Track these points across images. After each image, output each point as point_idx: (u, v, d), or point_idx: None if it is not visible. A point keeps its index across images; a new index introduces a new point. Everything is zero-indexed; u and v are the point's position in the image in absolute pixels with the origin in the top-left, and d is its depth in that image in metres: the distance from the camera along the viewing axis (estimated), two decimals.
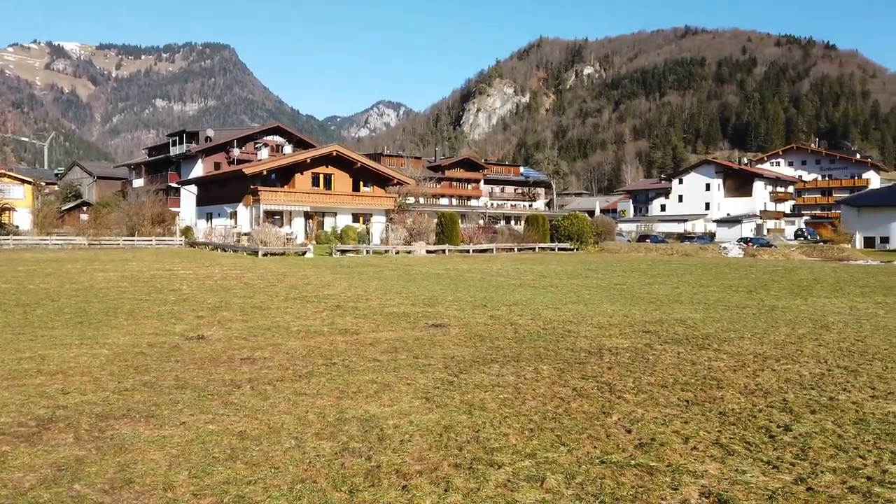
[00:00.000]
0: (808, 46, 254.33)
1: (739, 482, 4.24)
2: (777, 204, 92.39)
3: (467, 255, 38.66)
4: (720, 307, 13.89)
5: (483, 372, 7.41)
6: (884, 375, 7.32)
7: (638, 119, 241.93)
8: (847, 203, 64.10)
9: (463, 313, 12.37)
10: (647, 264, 30.53)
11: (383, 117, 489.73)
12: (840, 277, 22.68)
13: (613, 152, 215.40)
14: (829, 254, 45.44)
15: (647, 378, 7.15)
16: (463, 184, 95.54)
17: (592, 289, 17.92)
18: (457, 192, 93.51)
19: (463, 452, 4.78)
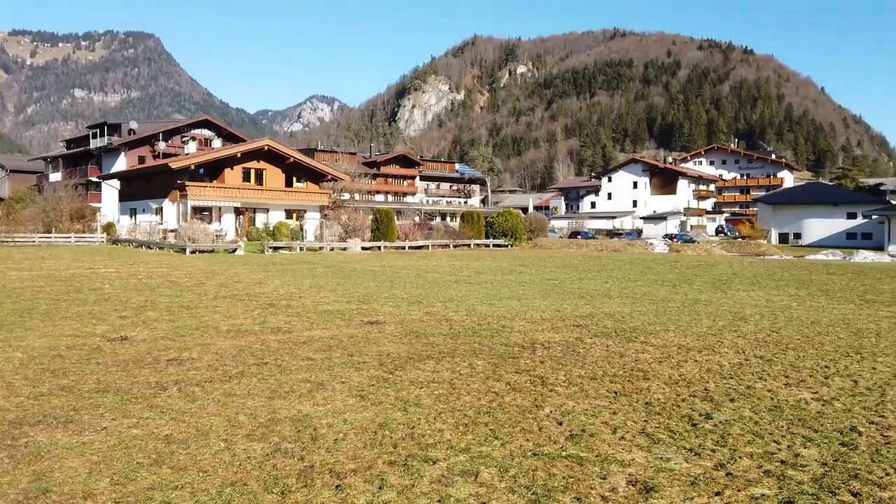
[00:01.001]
0: (728, 51, 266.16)
1: (664, 469, 4.40)
2: (700, 202, 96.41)
3: (403, 251, 38.59)
4: (647, 301, 14.39)
5: (418, 368, 7.42)
6: (796, 364, 7.76)
7: (569, 118, 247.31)
8: (763, 201, 67.55)
9: (398, 310, 12.35)
10: (578, 260, 31.30)
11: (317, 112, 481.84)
12: (757, 272, 23.88)
13: (546, 150, 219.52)
14: (747, 249, 47.78)
15: (577, 371, 7.33)
16: (399, 180, 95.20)
17: (526, 284, 18.22)
18: (392, 189, 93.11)
19: (398, 449, 4.78)
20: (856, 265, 29.10)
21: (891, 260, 34.36)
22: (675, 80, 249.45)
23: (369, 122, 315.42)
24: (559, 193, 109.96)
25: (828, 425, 5.38)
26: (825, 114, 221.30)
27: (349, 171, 60.89)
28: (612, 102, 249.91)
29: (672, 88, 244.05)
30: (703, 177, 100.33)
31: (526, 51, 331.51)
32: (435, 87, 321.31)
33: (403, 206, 76.65)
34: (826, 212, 60.20)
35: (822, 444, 4.92)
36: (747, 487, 4.11)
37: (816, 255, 39.32)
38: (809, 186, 76.81)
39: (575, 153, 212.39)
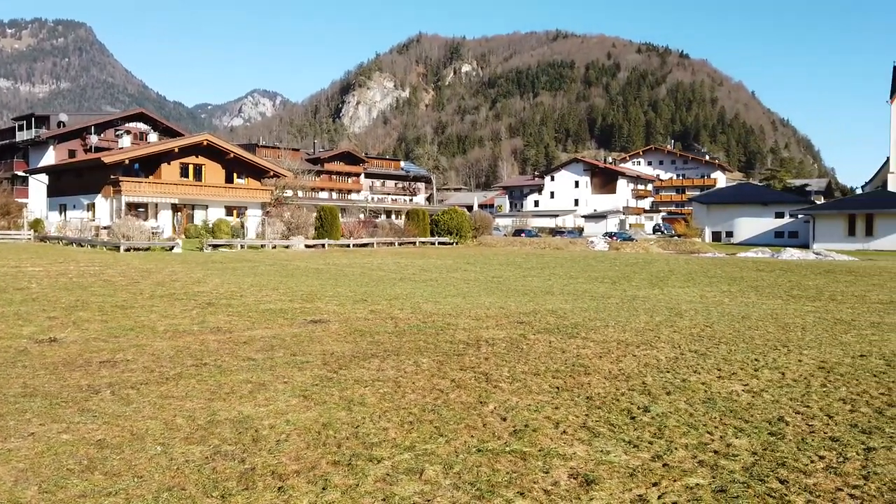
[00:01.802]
0: (665, 55, 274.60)
1: (604, 462, 4.52)
2: (638, 201, 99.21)
3: (347, 249, 38.24)
4: (588, 297, 14.71)
5: (363, 367, 7.38)
6: (728, 358, 8.08)
7: (513, 118, 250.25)
8: (698, 200, 70.03)
9: (343, 308, 12.23)
10: (521, 258, 31.72)
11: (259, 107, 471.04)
12: (692, 269, 24.74)
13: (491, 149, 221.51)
14: (683, 247, 49.44)
15: (521, 367, 7.43)
16: (343, 177, 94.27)
17: (471, 282, 18.35)
18: (337, 186, 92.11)
19: (342, 449, 4.74)
20: (783, 262, 30.51)
21: (815, 257, 36.18)
22: (615, 82, 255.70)
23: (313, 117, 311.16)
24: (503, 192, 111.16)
25: (757, 416, 5.62)
26: (755, 117, 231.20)
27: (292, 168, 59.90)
28: (554, 103, 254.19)
29: (612, 90, 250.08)
30: (642, 177, 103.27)
31: (471, 50, 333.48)
32: (380, 84, 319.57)
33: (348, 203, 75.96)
34: (756, 211, 62.89)
35: (753, 434, 5.14)
36: (683, 477, 4.26)
37: (747, 253, 41.03)
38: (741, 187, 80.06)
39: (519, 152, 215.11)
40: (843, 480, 4.22)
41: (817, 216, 56.09)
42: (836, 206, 59.99)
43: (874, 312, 12.80)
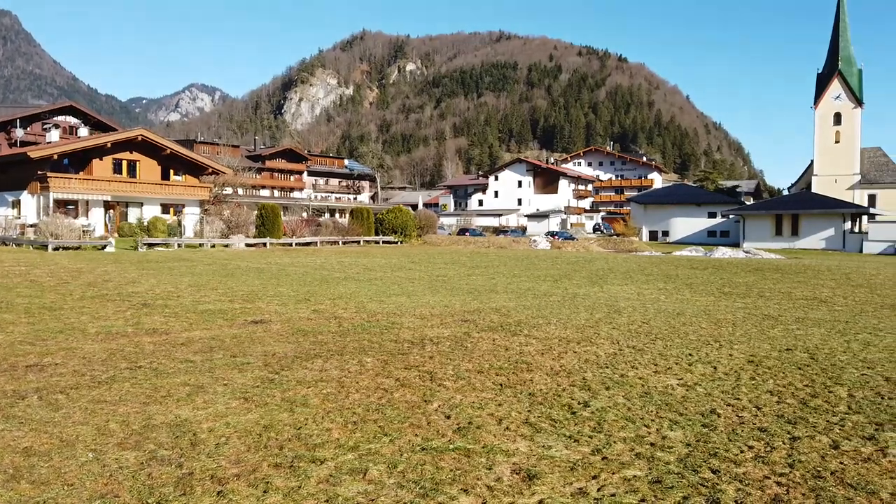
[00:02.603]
0: (605, 58, 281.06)
1: (546, 457, 4.60)
2: (579, 200, 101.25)
3: (290, 248, 37.62)
4: (530, 296, 14.93)
5: (306, 367, 7.28)
6: (664, 353, 8.35)
7: (458, 117, 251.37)
8: (635, 201, 72.02)
9: (285, 308, 12.04)
10: (466, 256, 31.91)
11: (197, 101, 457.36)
12: (630, 267, 25.43)
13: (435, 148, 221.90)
14: (621, 246, 50.74)
15: (465, 365, 7.49)
16: (285, 175, 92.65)
17: (415, 281, 18.34)
18: (279, 184, 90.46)
19: (284, 451, 4.67)
20: (715, 261, 31.72)
21: (745, 256, 37.74)
22: (556, 84, 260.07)
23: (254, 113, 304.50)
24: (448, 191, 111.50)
25: (691, 409, 5.84)
26: (690, 120, 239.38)
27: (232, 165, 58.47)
28: (498, 103, 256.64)
29: (554, 92, 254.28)
30: (582, 177, 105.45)
31: (415, 48, 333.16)
32: (323, 81, 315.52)
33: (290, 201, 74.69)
34: (690, 211, 65.15)
35: (687, 426, 5.34)
36: (621, 470, 4.39)
37: (682, 252, 42.47)
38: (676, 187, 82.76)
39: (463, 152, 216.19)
40: (770, 469, 4.43)
41: (747, 216, 58.53)
42: (764, 207, 62.75)
43: (799, 308, 13.47)
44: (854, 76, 64.70)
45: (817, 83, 66.14)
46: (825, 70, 66.02)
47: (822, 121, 64.81)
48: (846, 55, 65.15)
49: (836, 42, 65.59)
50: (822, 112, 64.86)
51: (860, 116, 64.28)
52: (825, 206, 55.39)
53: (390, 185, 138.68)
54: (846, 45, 65.54)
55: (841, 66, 64.26)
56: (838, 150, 64.26)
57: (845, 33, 65.92)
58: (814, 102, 65.57)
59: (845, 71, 64.26)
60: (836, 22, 66.46)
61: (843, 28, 66.00)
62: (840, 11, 66.51)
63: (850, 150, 64.15)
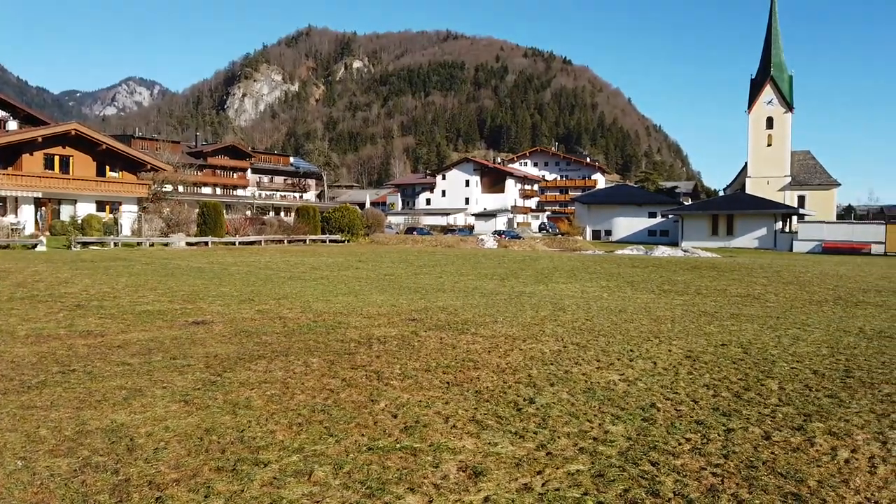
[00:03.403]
0: (550, 60, 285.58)
1: (492, 454, 4.65)
2: (525, 200, 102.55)
3: (233, 247, 36.79)
4: (477, 294, 15.03)
5: (249, 369, 7.14)
6: (606, 349, 8.55)
7: (405, 116, 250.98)
8: (579, 201, 73.46)
9: (228, 309, 11.77)
10: (413, 255, 31.89)
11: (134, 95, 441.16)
12: (574, 266, 25.92)
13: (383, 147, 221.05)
14: (566, 245, 51.66)
15: (412, 364, 7.48)
16: (228, 172, 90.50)
17: (362, 280, 18.22)
18: (221, 181, 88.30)
19: (226, 454, 4.57)
20: (655, 259, 32.66)
21: (683, 255, 39.00)
22: (503, 85, 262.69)
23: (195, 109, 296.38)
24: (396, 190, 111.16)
25: (632, 403, 6.00)
26: (631, 122, 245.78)
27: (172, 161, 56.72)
28: (445, 102, 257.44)
29: (501, 92, 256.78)
30: (529, 177, 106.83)
31: (362, 46, 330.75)
32: (267, 77, 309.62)
33: (234, 199, 73.05)
34: (632, 211, 66.87)
35: (628, 420, 5.48)
36: (565, 465, 4.47)
37: (624, 251, 43.55)
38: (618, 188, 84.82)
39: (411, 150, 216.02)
40: (706, 460, 4.59)
41: (685, 216, 60.48)
42: (701, 207, 64.96)
43: (733, 305, 14.01)
44: (785, 82, 67.67)
45: (751, 88, 68.89)
46: (758, 76, 68.83)
47: (756, 124, 67.55)
48: (778, 62, 68.07)
49: (769, 49, 68.47)
50: (755, 116, 67.58)
51: (790, 121, 67.28)
52: (758, 207, 57.76)
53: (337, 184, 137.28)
54: (778, 52, 68.47)
55: (773, 72, 67.11)
56: (770, 153, 67.11)
57: (777, 41, 68.86)
58: (748, 107, 68.24)
59: (777, 77, 67.14)
60: (769, 30, 69.36)
61: (776, 36, 68.93)
62: (772, 20, 69.44)
63: (782, 153, 67.08)
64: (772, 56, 67.87)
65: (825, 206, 65.90)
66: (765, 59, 68.71)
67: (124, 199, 43.73)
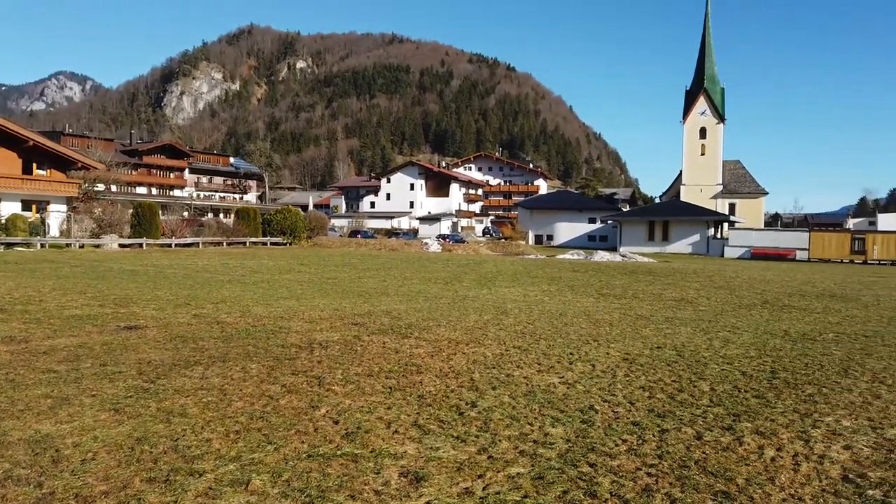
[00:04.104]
0: (494, 66, 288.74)
1: (434, 458, 4.65)
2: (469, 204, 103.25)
3: (169, 249, 35.64)
4: (421, 298, 15.03)
5: (185, 375, 6.92)
6: (547, 353, 8.68)
7: (350, 118, 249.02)
8: (522, 206, 74.55)
9: (163, 313, 11.38)
10: (357, 259, 31.63)
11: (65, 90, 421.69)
12: (517, 270, 26.25)
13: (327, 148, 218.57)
14: (509, 249, 52.28)
15: (355, 369, 7.41)
16: (165, 172, 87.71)
17: (304, 283, 17.95)
18: (157, 181, 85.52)
19: (159, 465, 4.41)
20: (595, 264, 33.42)
21: (621, 259, 40.06)
22: (448, 90, 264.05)
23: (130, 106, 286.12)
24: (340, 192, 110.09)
25: (572, 405, 6.11)
26: (572, 130, 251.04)
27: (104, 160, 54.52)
28: (390, 105, 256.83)
29: (445, 97, 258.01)
30: (473, 182, 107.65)
31: (306, 46, 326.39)
32: (207, 75, 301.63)
33: (170, 199, 70.80)
34: (573, 216, 68.29)
35: (567, 422, 5.58)
36: (506, 468, 4.51)
37: (565, 255, 44.38)
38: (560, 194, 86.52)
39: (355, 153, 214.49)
40: (642, 461, 4.72)
41: (623, 222, 62.16)
42: (638, 214, 66.90)
43: (668, 308, 14.47)
44: (717, 94, 70.52)
45: (686, 99, 71.48)
46: (693, 87, 71.49)
47: (690, 134, 70.12)
48: (711, 74, 70.87)
49: (703, 62, 71.23)
50: (689, 126, 70.15)
51: (722, 131, 70.12)
52: (692, 214, 59.92)
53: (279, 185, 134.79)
54: (711, 66, 71.30)
55: (706, 84, 69.85)
56: (703, 162, 69.76)
57: (710, 55, 71.70)
58: (683, 117, 70.77)
59: (710, 89, 69.90)
60: (702, 44, 72.15)
61: (709, 50, 71.76)
62: (706, 35, 72.26)
63: (714, 162, 69.84)
64: (705, 69, 70.63)
65: (754, 213, 68.97)
66: (699, 72, 71.44)
67: (52, 199, 41.74)
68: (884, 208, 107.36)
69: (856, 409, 6.19)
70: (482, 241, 61.16)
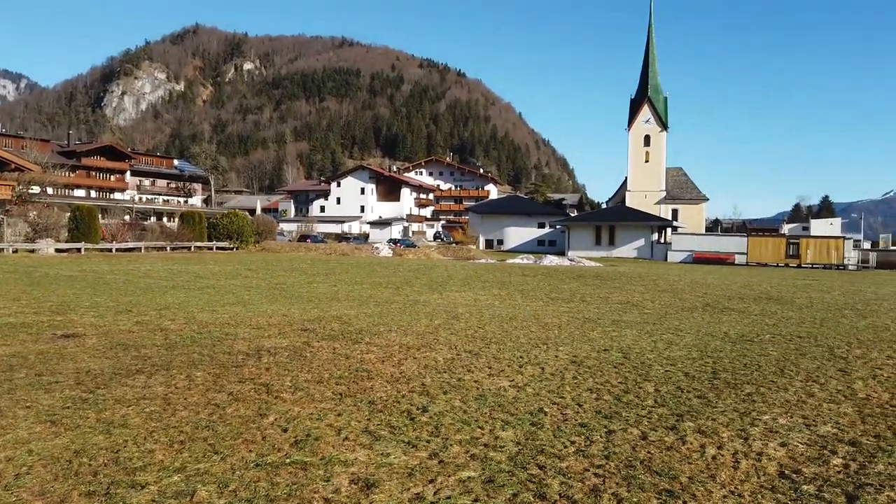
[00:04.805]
0: (444, 72, 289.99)
1: (384, 465, 4.63)
2: (420, 209, 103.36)
3: (110, 254, 34.43)
4: (372, 303, 14.95)
5: (126, 385, 6.69)
6: (498, 356, 8.76)
7: (299, 121, 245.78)
8: (473, 210, 74.99)
9: (102, 320, 10.98)
10: (307, 263, 31.21)
11: None
12: (468, 274, 26.39)
13: (275, 151, 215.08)
14: (460, 254, 52.50)
15: (304, 375, 7.31)
16: (105, 174, 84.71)
17: (252, 289, 17.61)
18: (97, 184, 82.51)
19: (98, 478, 4.25)
20: (544, 268, 33.88)
21: (570, 263, 40.72)
22: (399, 94, 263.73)
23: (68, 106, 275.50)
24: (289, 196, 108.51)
25: (521, 408, 6.18)
26: (522, 136, 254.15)
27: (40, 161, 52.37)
28: (341, 109, 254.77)
29: (396, 101, 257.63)
30: (424, 186, 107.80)
31: (253, 47, 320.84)
32: (150, 75, 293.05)
33: (111, 203, 68.45)
34: (522, 221, 69.09)
35: (517, 425, 5.64)
36: (456, 472, 4.53)
37: (515, 259, 44.85)
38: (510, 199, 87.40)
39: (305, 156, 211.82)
40: (589, 461, 4.81)
41: (571, 227, 63.25)
42: (586, 219, 68.23)
43: (615, 311, 14.79)
44: (661, 103, 72.59)
45: (631, 108, 73.31)
46: (637, 96, 73.40)
47: (635, 141, 71.94)
48: (654, 84, 72.93)
49: (647, 72, 73.22)
50: (634, 134, 71.97)
51: (665, 139, 72.19)
52: (637, 219, 61.43)
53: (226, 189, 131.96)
54: (654, 75, 73.37)
55: (650, 93, 71.82)
56: (648, 169, 71.66)
57: (654, 65, 73.78)
58: (628, 125, 72.56)
59: (654, 98, 71.90)
60: (647, 54, 74.19)
61: (653, 60, 73.84)
62: (650, 45, 74.34)
63: (658, 168, 71.82)
64: (649, 79, 72.62)
65: (696, 219, 71.20)
66: (643, 82, 73.41)
67: None
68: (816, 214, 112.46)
69: (791, 407, 6.45)
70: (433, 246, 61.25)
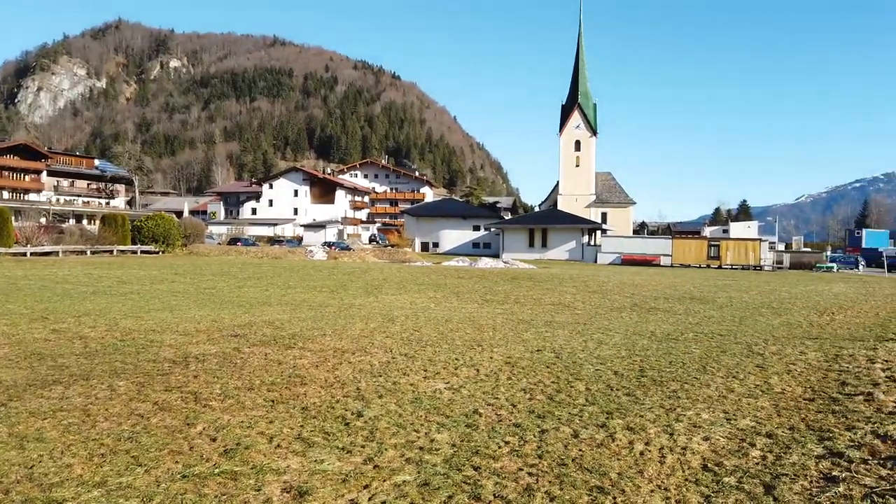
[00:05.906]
0: (379, 74, 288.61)
1: (318, 472, 4.55)
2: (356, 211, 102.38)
3: (24, 258, 32.50)
4: (306, 307, 14.69)
5: (41, 396, 6.33)
6: (433, 358, 8.77)
7: (229, 121, 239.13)
8: (409, 213, 74.93)
9: (15, 329, 10.36)
10: (237, 267, 30.38)
11: None
12: (403, 277, 26.33)
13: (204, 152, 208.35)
14: (396, 256, 52.32)
15: (234, 382, 7.12)
16: (19, 174, 79.96)
17: (179, 294, 17.00)
18: (10, 184, 77.76)
19: (10, 496, 4.00)
20: (479, 270, 34.19)
21: (504, 266, 41.23)
22: (333, 95, 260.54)
23: None
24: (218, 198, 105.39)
25: (457, 410, 6.21)
26: (457, 139, 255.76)
27: None
28: (273, 109, 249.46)
29: (330, 103, 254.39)
30: (359, 189, 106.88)
31: (180, 44, 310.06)
32: (69, 70, 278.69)
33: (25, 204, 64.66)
34: (458, 224, 69.53)
35: (452, 427, 5.66)
36: (392, 476, 4.51)
37: (450, 262, 45.05)
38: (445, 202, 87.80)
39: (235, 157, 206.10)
40: (523, 461, 4.88)
41: (506, 230, 64.12)
42: (519, 221, 69.28)
43: (547, 313, 15.08)
44: (590, 109, 74.59)
45: (562, 114, 75.02)
46: (568, 102, 75.18)
47: (566, 146, 73.62)
48: (584, 90, 74.88)
49: (577, 79, 75.11)
50: (565, 139, 73.66)
51: (595, 144, 74.21)
52: (568, 222, 62.88)
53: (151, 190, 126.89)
54: (584, 83, 75.33)
55: (580, 99, 73.68)
56: (578, 173, 73.47)
57: (584, 72, 75.76)
58: (559, 130, 74.19)
59: (584, 104, 73.80)
60: (577, 62, 76.12)
61: (583, 67, 75.81)
62: (579, 53, 76.30)
63: (588, 173, 73.74)
64: (579, 85, 74.51)
65: (624, 221, 73.50)
66: (573, 88, 75.26)
67: None
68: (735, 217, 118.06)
69: (713, 402, 6.75)
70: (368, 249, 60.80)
